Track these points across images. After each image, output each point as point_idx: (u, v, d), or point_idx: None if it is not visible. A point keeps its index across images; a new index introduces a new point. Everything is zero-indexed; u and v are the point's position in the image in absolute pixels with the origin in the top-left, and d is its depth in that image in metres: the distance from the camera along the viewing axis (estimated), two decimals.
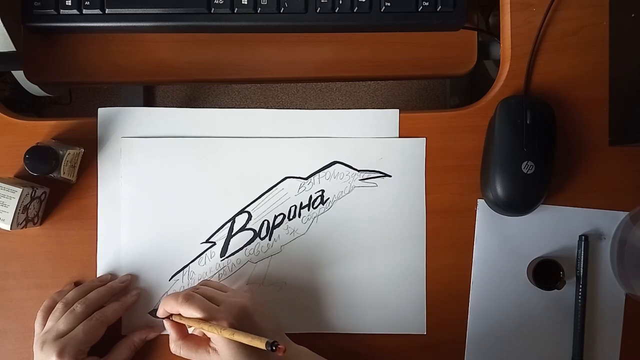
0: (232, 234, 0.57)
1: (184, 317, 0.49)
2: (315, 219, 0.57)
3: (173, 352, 0.50)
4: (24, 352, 0.56)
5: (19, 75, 0.62)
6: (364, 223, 0.57)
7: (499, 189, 0.53)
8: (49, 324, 0.52)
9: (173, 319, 0.50)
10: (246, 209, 0.57)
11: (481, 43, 0.62)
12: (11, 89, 0.98)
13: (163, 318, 0.51)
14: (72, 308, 0.52)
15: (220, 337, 0.46)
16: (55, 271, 0.56)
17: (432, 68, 0.61)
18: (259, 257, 0.57)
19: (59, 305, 0.52)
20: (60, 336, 0.50)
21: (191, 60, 0.60)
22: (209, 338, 0.48)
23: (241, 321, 0.47)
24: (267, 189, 0.57)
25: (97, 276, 0.56)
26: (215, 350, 0.47)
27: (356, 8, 0.57)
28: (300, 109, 0.58)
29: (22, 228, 0.53)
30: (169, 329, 0.50)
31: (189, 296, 0.48)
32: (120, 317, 0.55)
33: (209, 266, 0.56)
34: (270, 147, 0.57)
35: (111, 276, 0.56)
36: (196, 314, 0.47)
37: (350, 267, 0.57)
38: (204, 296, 0.49)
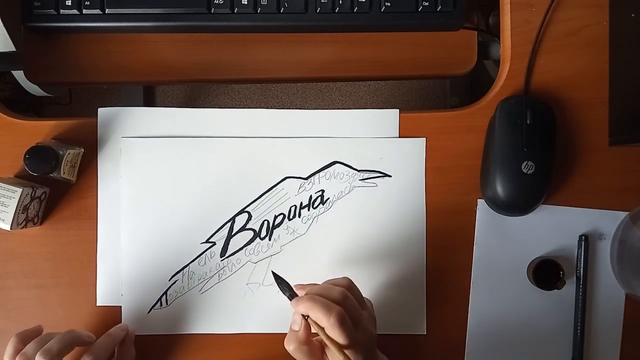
0: (232, 234, 0.57)
1: (324, 332, 0.45)
2: (315, 219, 0.57)
3: (287, 347, 0.47)
4: None
5: (19, 75, 0.62)
6: (364, 223, 0.57)
7: (499, 189, 0.53)
8: None
9: (309, 321, 0.47)
10: (246, 209, 0.57)
11: (481, 43, 0.62)
12: (11, 89, 0.98)
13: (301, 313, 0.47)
14: None
15: None
16: (55, 271, 0.56)
17: (432, 68, 0.61)
18: (259, 257, 0.57)
19: None
20: None
21: (191, 60, 0.60)
22: (324, 349, 0.47)
23: (370, 353, 0.47)
24: (267, 189, 0.57)
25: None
26: None
27: (356, 8, 0.57)
28: (300, 109, 0.58)
29: (22, 228, 0.53)
30: (302, 329, 0.47)
31: (343, 319, 0.44)
32: (121, 316, 0.55)
33: (209, 266, 0.56)
34: (270, 147, 0.57)
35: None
36: (340, 339, 0.44)
37: (350, 267, 0.56)
38: (349, 314, 0.46)
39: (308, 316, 0.47)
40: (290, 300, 0.49)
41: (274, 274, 0.52)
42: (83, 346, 0.50)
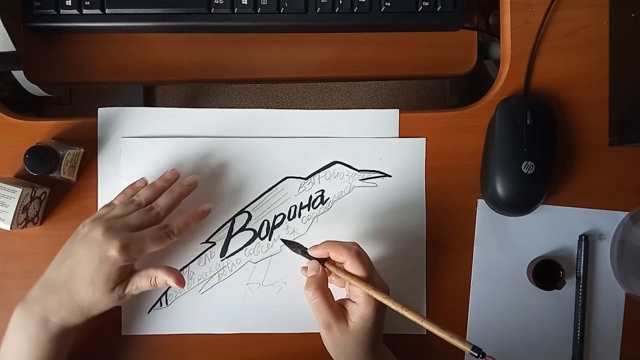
0: (232, 234, 0.57)
1: (343, 270, 0.49)
2: (315, 219, 0.57)
3: (307, 296, 0.50)
4: None
5: (19, 75, 0.62)
6: (364, 223, 0.57)
7: (499, 189, 0.53)
8: (116, 211, 0.51)
9: (326, 265, 0.51)
10: (246, 209, 0.57)
11: (481, 43, 0.62)
12: (11, 89, 0.98)
13: (316, 259, 0.51)
14: (147, 208, 0.51)
15: (360, 309, 0.48)
16: None
17: (432, 68, 0.61)
18: (259, 257, 0.57)
19: (135, 200, 0.52)
20: (128, 230, 0.49)
21: (191, 60, 0.60)
22: (342, 305, 0.50)
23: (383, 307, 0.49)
24: (267, 189, 0.57)
25: (164, 174, 0.55)
26: (344, 317, 0.49)
27: (356, 8, 0.57)
28: (300, 109, 0.58)
29: (22, 228, 0.53)
30: (320, 271, 0.50)
31: (362, 253, 0.50)
32: (121, 317, 0.55)
33: (208, 266, 0.56)
34: (270, 147, 0.57)
35: (178, 175, 0.55)
36: (360, 271, 0.48)
37: None
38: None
39: (324, 262, 0.51)
40: (304, 255, 0.52)
41: (283, 240, 0.55)
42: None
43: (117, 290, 0.49)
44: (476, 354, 0.44)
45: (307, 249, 0.52)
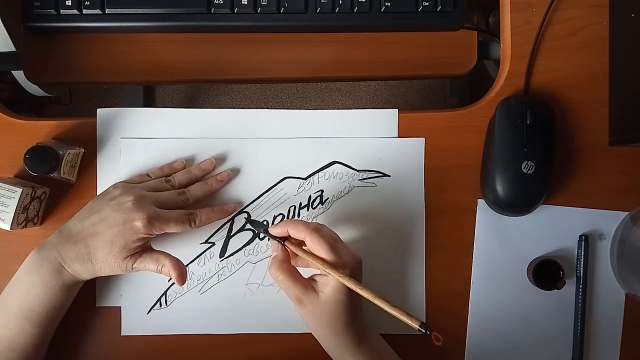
0: (232, 234, 0.57)
1: (303, 248, 0.50)
2: (315, 219, 0.57)
3: (272, 276, 0.50)
4: None
5: (19, 75, 0.62)
6: (363, 223, 0.57)
7: (499, 189, 0.53)
8: (151, 184, 0.53)
9: (286, 244, 0.51)
10: (245, 209, 0.57)
11: (481, 43, 0.62)
12: (11, 89, 0.98)
13: (276, 238, 0.51)
14: (179, 191, 0.54)
15: (331, 280, 0.48)
16: None
17: (432, 68, 0.61)
18: (258, 257, 0.57)
19: (170, 180, 0.54)
20: (157, 205, 0.50)
21: (191, 60, 0.60)
22: (312, 278, 0.51)
23: (356, 274, 0.50)
24: (266, 189, 0.57)
25: (201, 163, 0.56)
26: (314, 289, 0.49)
27: (356, 8, 0.57)
28: (300, 109, 0.58)
29: (22, 228, 0.53)
30: (279, 251, 0.51)
31: (320, 228, 0.49)
32: (120, 317, 0.55)
33: (208, 267, 0.56)
34: (270, 147, 0.57)
35: (214, 166, 0.56)
36: (322, 248, 0.48)
37: None
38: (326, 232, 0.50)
39: (284, 241, 0.51)
40: (265, 234, 0.52)
41: (247, 220, 0.56)
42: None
43: (128, 261, 0.50)
44: (423, 330, 0.45)
45: (268, 227, 0.52)
